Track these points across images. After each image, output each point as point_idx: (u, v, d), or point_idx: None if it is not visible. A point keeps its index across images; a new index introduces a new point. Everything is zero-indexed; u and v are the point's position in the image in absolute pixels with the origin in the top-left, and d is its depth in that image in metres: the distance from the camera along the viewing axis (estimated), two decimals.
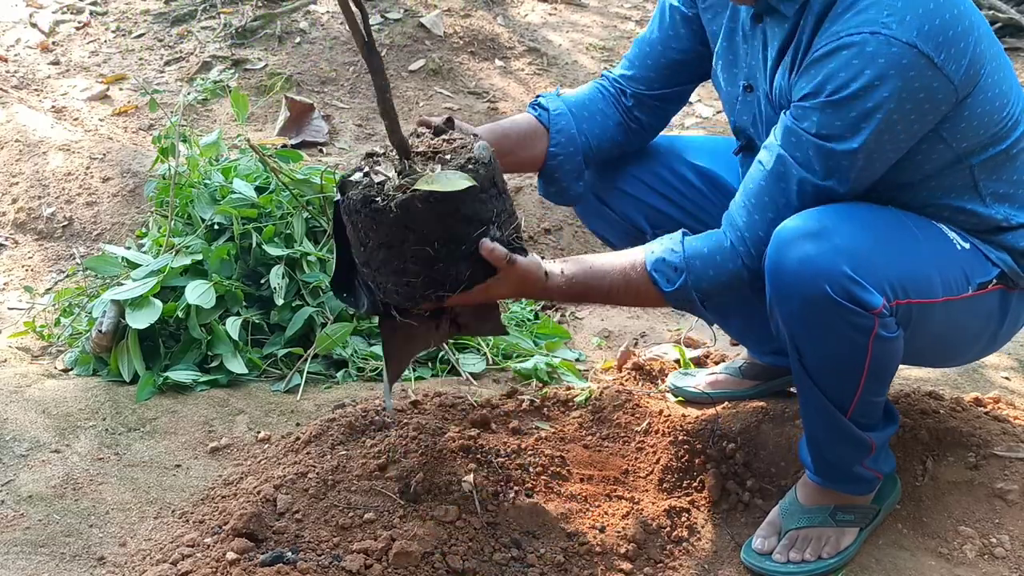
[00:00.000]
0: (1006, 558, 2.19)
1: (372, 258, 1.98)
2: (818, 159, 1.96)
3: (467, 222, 1.94)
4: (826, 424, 2.10)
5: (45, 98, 4.74)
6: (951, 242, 2.08)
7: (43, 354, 3.17)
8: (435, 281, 1.97)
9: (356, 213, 1.95)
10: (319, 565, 2.03)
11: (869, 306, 1.92)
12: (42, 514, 2.34)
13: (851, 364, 1.99)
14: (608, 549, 2.19)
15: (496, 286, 2.01)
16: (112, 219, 3.90)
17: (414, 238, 1.92)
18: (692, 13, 2.31)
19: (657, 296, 2.08)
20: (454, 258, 1.95)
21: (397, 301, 2.03)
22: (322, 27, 5.37)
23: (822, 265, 1.91)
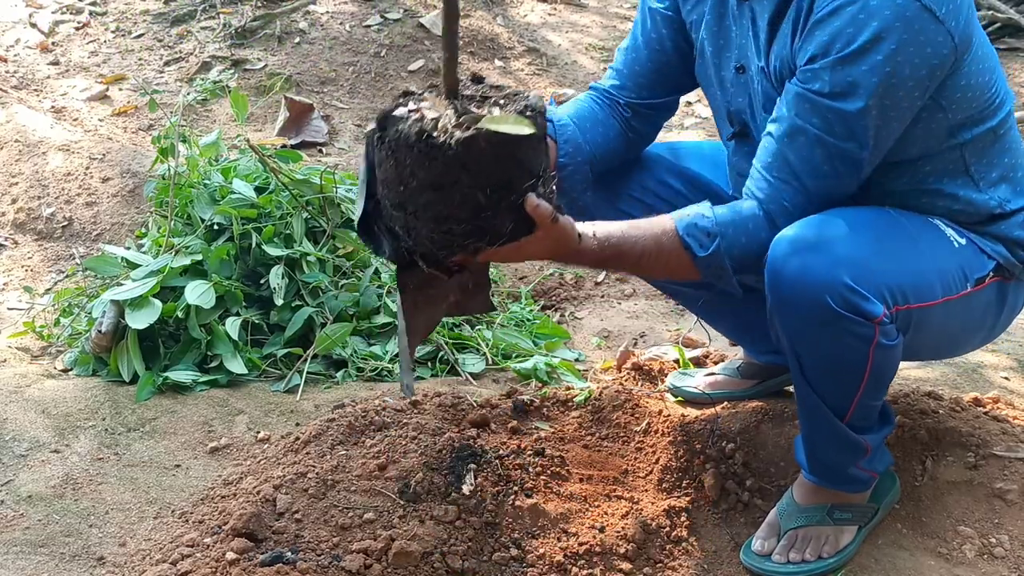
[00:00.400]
0: (1005, 558, 2.19)
1: (412, 200, 1.84)
2: (836, 121, 1.93)
3: (521, 171, 1.85)
4: (822, 428, 2.11)
5: (45, 98, 4.75)
6: (948, 240, 2.08)
7: (43, 354, 3.17)
8: (478, 230, 1.85)
9: (406, 148, 1.81)
10: (319, 565, 2.03)
11: (870, 315, 1.92)
12: (42, 514, 2.34)
13: (851, 372, 2.00)
14: (608, 549, 2.19)
15: (532, 244, 1.91)
16: (112, 219, 3.91)
17: (468, 180, 1.80)
18: (672, 12, 2.29)
19: (689, 263, 2.02)
20: (500, 208, 1.84)
21: (427, 249, 1.91)
22: (321, 27, 5.38)
23: (822, 276, 1.90)
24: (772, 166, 2.01)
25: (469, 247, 1.88)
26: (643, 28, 2.34)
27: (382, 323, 3.10)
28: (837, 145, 1.95)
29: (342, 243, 3.24)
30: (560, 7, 6.03)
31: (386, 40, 5.30)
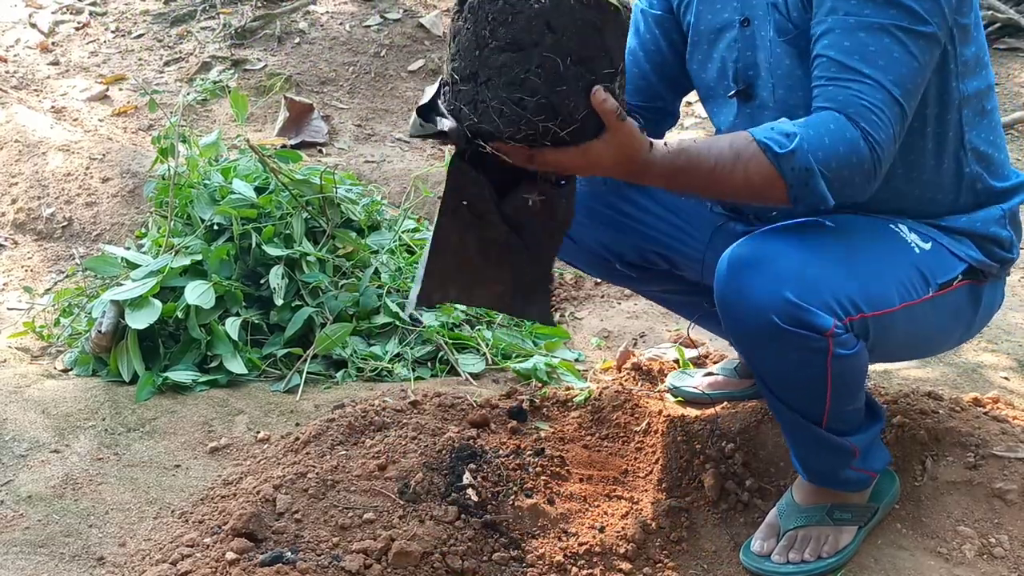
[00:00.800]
0: (1005, 558, 2.19)
1: (487, 64, 1.75)
2: (902, 4, 1.86)
3: (604, 51, 1.76)
4: (803, 437, 2.10)
5: (45, 98, 4.75)
6: (908, 245, 2.05)
7: (43, 354, 3.17)
8: (550, 107, 1.74)
9: (489, 3, 1.73)
10: (318, 565, 2.03)
11: (820, 329, 1.89)
12: (41, 514, 2.34)
13: (813, 384, 1.98)
14: (607, 549, 2.19)
15: (599, 147, 1.79)
16: (112, 219, 3.91)
17: (550, 41, 1.72)
18: (663, 11, 2.28)
19: (769, 167, 1.83)
20: (578, 87, 1.75)
21: (493, 126, 1.77)
22: (321, 27, 5.38)
23: (765, 295, 1.88)
24: (833, 73, 1.89)
25: (538, 126, 1.76)
26: (637, 32, 2.32)
27: (382, 323, 3.10)
28: (892, 25, 1.87)
29: (342, 243, 3.24)
30: None
31: (386, 40, 5.30)
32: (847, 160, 1.83)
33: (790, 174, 1.83)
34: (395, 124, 4.85)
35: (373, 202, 3.42)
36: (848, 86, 1.87)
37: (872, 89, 1.86)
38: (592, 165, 1.83)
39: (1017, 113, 5.01)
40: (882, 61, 1.87)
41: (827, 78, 1.90)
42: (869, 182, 1.88)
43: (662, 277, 2.47)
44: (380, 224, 3.40)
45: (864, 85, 1.86)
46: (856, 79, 1.86)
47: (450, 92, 1.83)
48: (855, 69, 1.87)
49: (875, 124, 1.85)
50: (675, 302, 2.67)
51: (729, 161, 1.85)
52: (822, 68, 1.92)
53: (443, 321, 3.13)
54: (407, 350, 3.03)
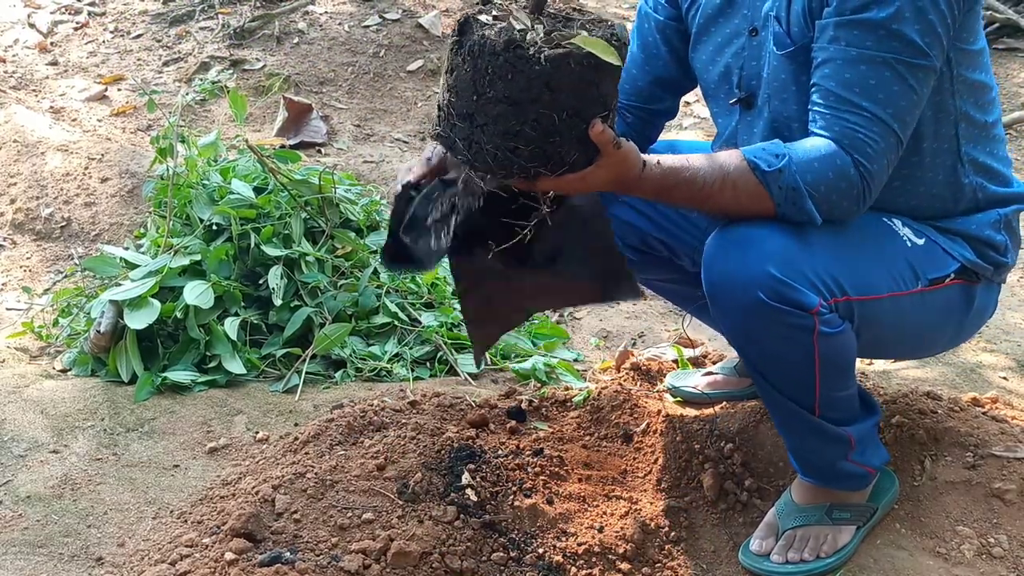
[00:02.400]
0: (1004, 558, 2.19)
1: (483, 111, 1.78)
2: (878, 33, 1.90)
3: (598, 100, 1.80)
4: (798, 426, 2.10)
5: (43, 98, 4.75)
6: (900, 238, 2.07)
7: (41, 354, 3.17)
8: (543, 155, 1.79)
9: (491, 56, 1.74)
10: (317, 565, 2.03)
11: (805, 306, 1.91)
12: (40, 514, 2.34)
13: (802, 364, 1.99)
14: (606, 549, 2.19)
15: (595, 172, 1.84)
16: (110, 219, 3.90)
17: (548, 100, 1.74)
18: (669, 18, 2.29)
19: (756, 185, 1.90)
20: (570, 136, 1.79)
21: (486, 165, 1.82)
22: (320, 28, 5.38)
23: (750, 272, 1.90)
24: (832, 103, 1.93)
25: (530, 171, 1.81)
26: (641, 32, 2.33)
27: (381, 323, 3.10)
28: (893, 59, 1.91)
29: (341, 243, 3.24)
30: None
31: (385, 40, 5.30)
32: (835, 185, 1.90)
33: (777, 192, 1.90)
34: (394, 124, 4.85)
35: (372, 202, 3.42)
36: (846, 118, 1.92)
37: (869, 122, 1.91)
38: (588, 188, 1.90)
39: (1016, 113, 5.02)
40: (881, 95, 1.91)
41: (825, 106, 1.94)
42: (857, 206, 1.95)
43: (662, 264, 2.47)
44: (379, 224, 3.40)
45: (862, 118, 1.91)
46: (854, 111, 1.92)
47: (446, 121, 1.85)
48: (854, 103, 1.92)
49: (868, 156, 1.91)
50: (674, 292, 2.67)
51: (718, 178, 1.91)
52: (821, 96, 1.96)
53: (442, 321, 3.13)
54: (406, 350, 3.03)
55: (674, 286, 2.59)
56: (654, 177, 1.90)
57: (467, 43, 1.77)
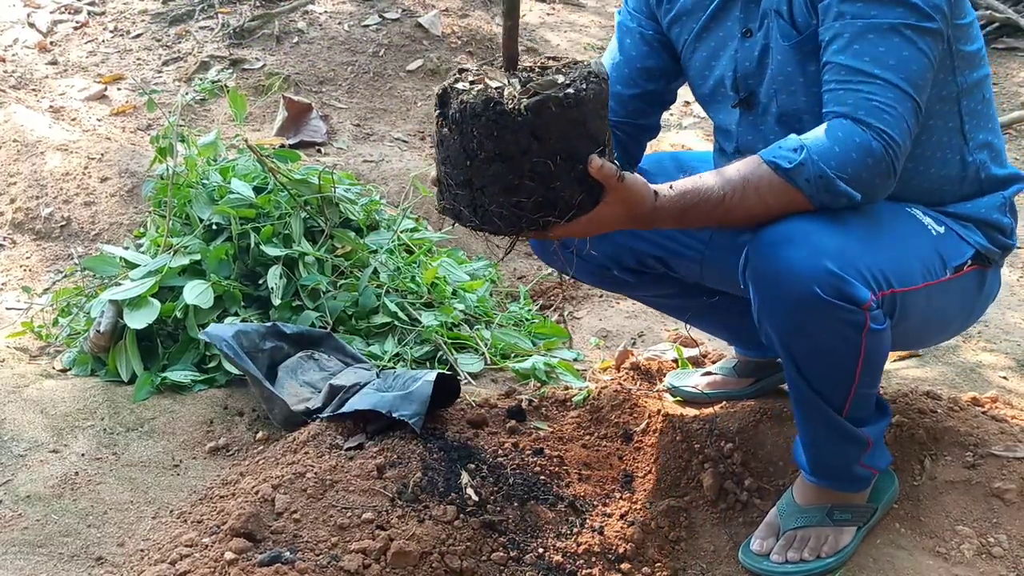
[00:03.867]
0: (1003, 557, 2.19)
1: (480, 174, 1.80)
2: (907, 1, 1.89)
3: (588, 138, 1.81)
4: (823, 425, 2.10)
5: (43, 98, 4.74)
6: (926, 227, 2.08)
7: (41, 354, 3.17)
8: (547, 203, 1.81)
9: (473, 119, 1.77)
10: (317, 565, 2.03)
11: (858, 301, 1.90)
12: (40, 514, 2.34)
13: (845, 362, 1.99)
14: (606, 549, 2.19)
15: (605, 209, 1.84)
16: (110, 219, 3.90)
17: (537, 148, 1.77)
18: (648, 29, 2.29)
19: (782, 183, 1.87)
20: (570, 178, 1.80)
21: (495, 226, 1.85)
22: (320, 27, 5.37)
23: (807, 267, 1.88)
24: (843, 77, 1.92)
25: (539, 221, 1.82)
26: (622, 47, 2.32)
27: (380, 323, 3.10)
28: (900, 23, 1.90)
29: (340, 243, 3.24)
30: (558, 7, 6.04)
31: (384, 40, 5.30)
32: (862, 163, 1.87)
33: (806, 185, 1.87)
34: (393, 124, 4.85)
35: (372, 202, 3.42)
36: (859, 89, 1.90)
37: (883, 89, 1.89)
38: (602, 227, 1.89)
39: (1016, 112, 5.02)
40: (892, 60, 1.90)
41: (837, 82, 1.93)
42: (888, 179, 1.92)
43: (658, 281, 2.48)
44: (379, 224, 3.40)
45: (875, 86, 1.89)
46: (867, 81, 1.89)
47: (448, 192, 1.88)
48: (865, 72, 1.90)
49: (887, 121, 1.88)
50: (668, 306, 2.68)
51: (739, 188, 1.88)
52: (832, 73, 1.94)
53: (442, 321, 3.13)
54: (406, 350, 3.03)
55: (670, 300, 2.59)
56: (671, 202, 1.89)
57: (449, 112, 1.81)
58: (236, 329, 2.74)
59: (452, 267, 3.39)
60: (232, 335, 2.69)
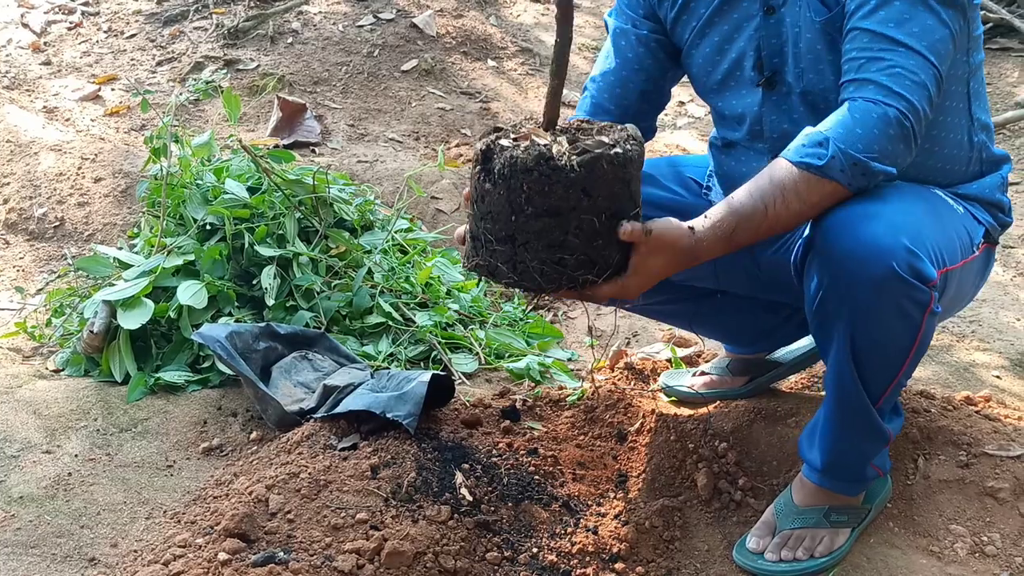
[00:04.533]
0: (997, 556, 2.19)
1: (525, 229, 1.81)
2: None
3: (631, 199, 1.84)
4: (854, 417, 2.08)
5: (36, 98, 4.74)
6: (952, 207, 2.11)
7: (34, 355, 3.16)
8: (588, 261, 1.83)
9: (524, 173, 1.78)
10: (311, 565, 2.03)
11: (927, 279, 1.90)
12: (33, 515, 2.34)
13: (902, 344, 1.98)
14: (601, 549, 2.19)
15: (645, 264, 1.86)
16: (104, 219, 3.90)
17: (587, 205, 1.79)
18: (648, 31, 2.28)
19: (819, 181, 1.87)
20: (611, 237, 1.83)
21: (534, 283, 1.86)
22: (314, 27, 5.37)
23: (887, 243, 1.87)
24: (866, 44, 1.92)
25: (579, 279, 1.85)
26: (619, 50, 2.31)
27: (375, 323, 3.10)
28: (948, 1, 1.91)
29: (335, 243, 3.23)
30: (553, 7, 6.02)
31: (379, 40, 5.30)
32: (885, 135, 1.87)
33: (842, 176, 1.87)
34: (388, 124, 4.85)
35: (366, 202, 3.41)
36: (881, 56, 1.90)
37: (906, 55, 1.89)
38: (650, 279, 1.90)
39: (1010, 112, 5.02)
40: (916, 28, 1.90)
41: (859, 49, 1.93)
42: (910, 144, 1.91)
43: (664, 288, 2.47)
44: (373, 224, 3.40)
45: (897, 53, 1.90)
46: (890, 47, 1.90)
47: (484, 250, 1.87)
48: (890, 38, 1.90)
49: (907, 87, 1.88)
50: (666, 312, 2.67)
51: (779, 196, 1.88)
52: (855, 41, 1.94)
53: (436, 321, 3.13)
54: (400, 350, 3.03)
55: (669, 306, 2.58)
56: (711, 231, 1.89)
57: (495, 167, 1.81)
58: (230, 330, 2.73)
59: (446, 267, 3.39)
60: (225, 336, 2.69)
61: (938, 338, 3.19)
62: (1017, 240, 3.97)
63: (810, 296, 2.00)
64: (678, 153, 4.63)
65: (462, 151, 4.66)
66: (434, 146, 4.69)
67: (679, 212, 2.32)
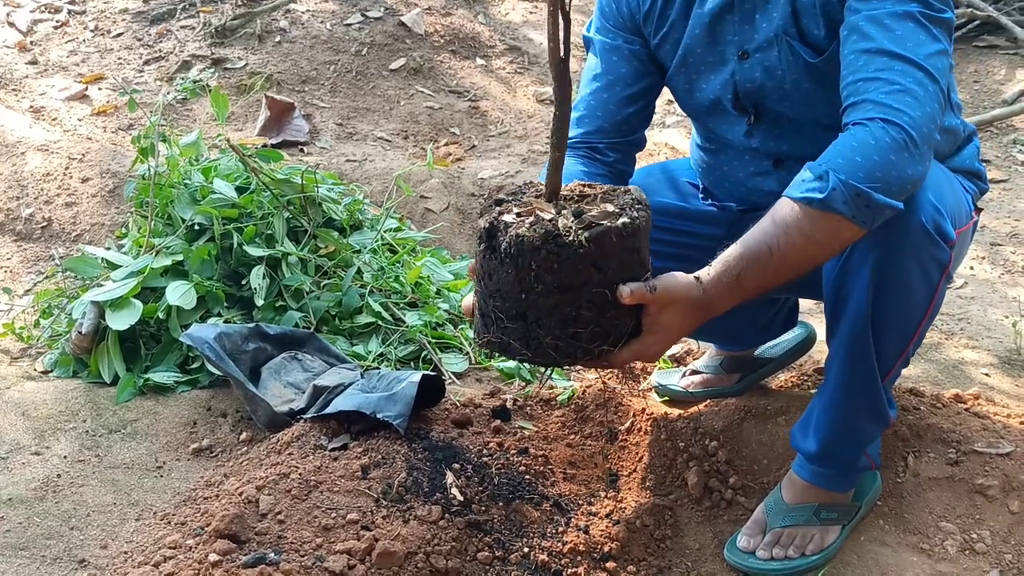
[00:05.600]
0: (986, 553, 2.20)
1: (536, 306, 1.78)
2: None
3: (641, 264, 1.81)
4: (861, 392, 2.08)
5: (23, 98, 4.72)
6: (952, 175, 2.15)
7: (22, 356, 3.15)
8: (603, 333, 1.80)
9: (532, 252, 1.74)
10: (302, 566, 2.03)
11: (948, 238, 1.93)
12: (22, 517, 2.33)
13: (919, 305, 2.00)
14: (592, 548, 2.19)
15: (657, 322, 1.82)
16: (92, 220, 3.88)
17: (598, 279, 1.76)
18: (634, 44, 2.28)
19: (823, 216, 1.78)
20: (623, 307, 1.80)
21: (549, 358, 1.83)
22: (302, 26, 5.36)
23: (916, 196, 1.88)
24: (864, 63, 1.89)
25: (594, 351, 1.81)
26: (609, 66, 2.30)
27: (364, 323, 3.09)
28: (916, 12, 1.90)
29: (324, 243, 3.23)
30: (542, 5, 6.03)
31: (367, 39, 5.29)
32: (886, 159, 1.80)
33: (846, 208, 1.78)
34: (376, 123, 4.84)
35: (355, 201, 3.41)
36: (879, 75, 1.86)
37: (903, 72, 1.85)
38: (665, 337, 1.85)
39: (996, 110, 5.04)
40: (910, 43, 1.89)
41: (856, 68, 1.90)
42: (920, 163, 1.84)
43: None
44: (362, 223, 3.40)
45: (894, 71, 1.86)
46: (886, 66, 1.86)
47: (496, 327, 1.84)
48: (885, 52, 1.87)
49: (908, 103, 1.83)
50: None
51: (781, 235, 1.81)
52: (850, 66, 1.91)
53: (426, 320, 3.12)
54: (390, 350, 3.02)
55: None
56: (717, 278, 1.83)
57: (501, 246, 1.78)
58: (218, 331, 2.73)
59: (436, 266, 3.38)
60: (214, 337, 2.68)
61: (927, 336, 3.20)
62: (1005, 238, 3.98)
63: (830, 260, 1.98)
64: (667, 151, 4.64)
65: (451, 150, 4.66)
66: (423, 145, 4.68)
67: (681, 217, 2.34)
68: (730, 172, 2.30)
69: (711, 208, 2.39)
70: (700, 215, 2.38)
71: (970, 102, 5.20)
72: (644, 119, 2.36)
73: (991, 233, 3.99)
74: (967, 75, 5.37)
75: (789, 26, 2.07)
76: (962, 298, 3.50)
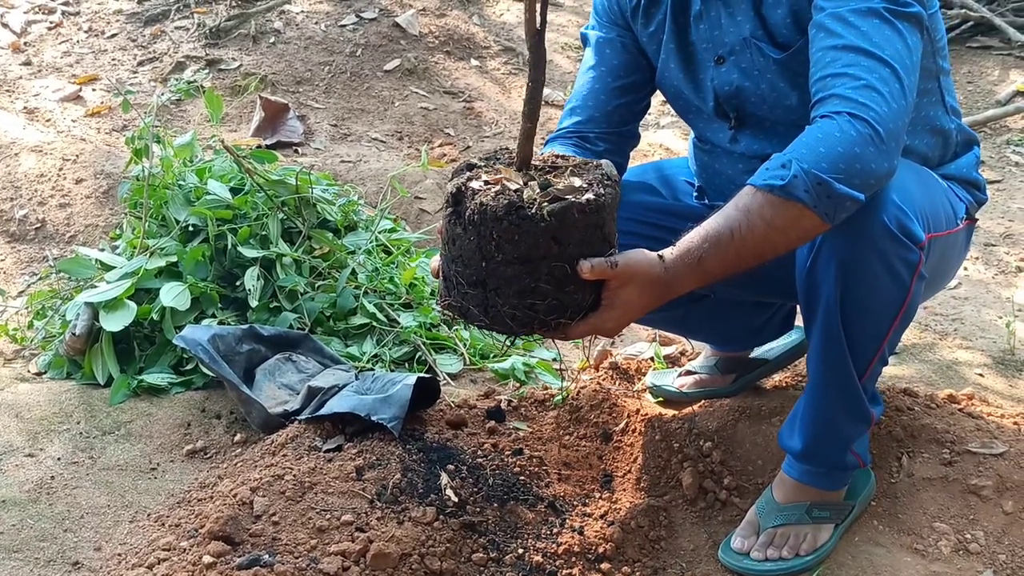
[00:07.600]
0: (980, 553, 2.20)
1: (496, 275, 1.80)
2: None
3: (604, 241, 1.82)
4: (839, 392, 2.09)
5: (17, 99, 4.71)
6: (937, 180, 2.15)
7: (16, 357, 3.14)
8: (560, 305, 1.81)
9: (494, 222, 1.75)
10: (296, 568, 2.02)
11: (916, 239, 1.93)
12: (16, 519, 2.32)
13: (890, 308, 1.99)
14: (586, 549, 2.19)
15: (616, 297, 1.83)
16: (85, 221, 3.88)
17: (558, 253, 1.77)
18: (626, 39, 2.30)
19: (783, 203, 1.79)
20: (583, 280, 1.80)
21: (506, 326, 1.84)
22: (297, 27, 5.36)
23: (876, 197, 1.88)
24: (830, 60, 1.89)
25: (550, 323, 1.82)
26: (603, 58, 2.32)
27: (359, 324, 3.09)
28: (880, 7, 1.90)
29: (318, 244, 3.23)
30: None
31: (361, 39, 5.28)
32: (850, 151, 1.80)
33: (807, 196, 1.79)
34: (371, 124, 4.84)
35: (349, 202, 3.41)
36: (846, 71, 1.87)
37: (869, 68, 1.86)
38: (623, 313, 1.86)
39: (990, 111, 5.05)
40: (876, 39, 1.89)
41: (823, 64, 1.91)
42: (886, 158, 1.84)
43: None
44: (357, 224, 3.39)
45: (860, 67, 1.86)
46: (853, 62, 1.87)
47: (456, 291, 1.86)
48: (852, 48, 1.88)
49: (874, 98, 1.83)
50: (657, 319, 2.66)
51: (743, 220, 1.81)
52: (818, 64, 1.93)
53: (420, 322, 3.12)
54: (385, 351, 3.02)
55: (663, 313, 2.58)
56: (680, 258, 1.84)
57: (465, 212, 1.79)
58: (212, 332, 2.72)
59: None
60: (208, 339, 2.68)
61: (921, 336, 3.21)
62: (999, 238, 3.99)
63: (801, 260, 2.01)
64: (661, 152, 4.64)
65: (445, 151, 4.66)
66: (417, 146, 4.68)
67: (677, 215, 2.34)
68: (722, 171, 2.31)
69: (701, 207, 2.39)
70: (690, 213, 2.38)
71: (964, 103, 5.21)
72: (636, 113, 2.37)
73: (985, 234, 3.99)
74: (961, 76, 5.38)
75: (756, 28, 2.09)
76: (956, 298, 3.51)
